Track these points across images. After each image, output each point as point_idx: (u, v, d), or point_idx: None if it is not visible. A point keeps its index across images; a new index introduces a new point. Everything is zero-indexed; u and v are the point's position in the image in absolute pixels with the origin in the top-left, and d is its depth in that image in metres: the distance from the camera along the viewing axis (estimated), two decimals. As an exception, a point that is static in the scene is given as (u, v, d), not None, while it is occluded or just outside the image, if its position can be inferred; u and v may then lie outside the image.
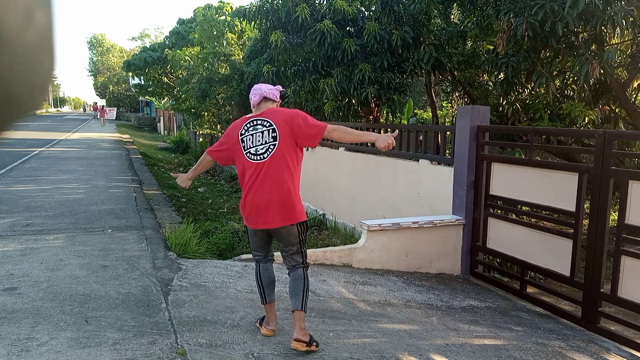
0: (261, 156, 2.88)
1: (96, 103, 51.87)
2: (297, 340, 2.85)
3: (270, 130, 2.90)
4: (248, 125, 2.97)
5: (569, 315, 4.25)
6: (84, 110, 49.98)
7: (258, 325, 3.16)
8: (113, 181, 9.42)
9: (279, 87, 3.14)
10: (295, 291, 2.96)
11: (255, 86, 3.10)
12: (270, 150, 2.88)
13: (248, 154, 2.92)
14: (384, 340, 3.29)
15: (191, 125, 21.64)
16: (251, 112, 3.13)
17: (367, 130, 7.30)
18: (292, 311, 2.94)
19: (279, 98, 3.14)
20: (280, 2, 7.44)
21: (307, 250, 3.24)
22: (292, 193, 2.89)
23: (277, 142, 2.88)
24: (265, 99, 3.02)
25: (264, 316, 3.15)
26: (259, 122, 2.95)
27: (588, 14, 4.74)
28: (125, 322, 3.10)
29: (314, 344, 2.89)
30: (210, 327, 3.12)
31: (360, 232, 5.70)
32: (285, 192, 2.86)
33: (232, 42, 14.80)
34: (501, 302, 4.59)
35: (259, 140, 2.90)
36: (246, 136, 2.94)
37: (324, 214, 8.45)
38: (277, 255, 3.36)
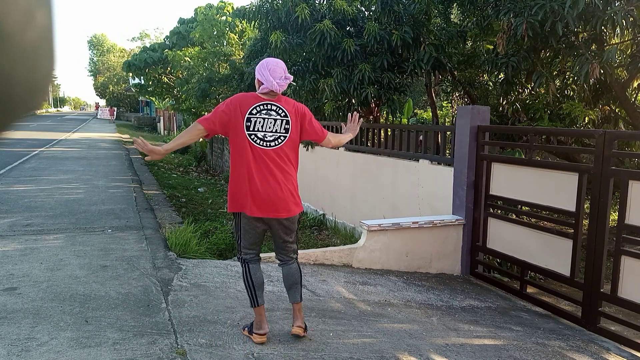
0: (269, 143, 2.84)
1: (98, 103, 55.94)
2: (299, 326, 3.06)
3: (284, 122, 2.89)
4: (260, 107, 2.86)
5: (569, 315, 4.25)
6: (97, 108, 52.17)
7: (247, 334, 3.03)
8: (113, 181, 9.42)
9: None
10: (294, 285, 3.07)
11: (277, 63, 2.91)
12: (280, 140, 2.87)
13: (253, 136, 2.82)
14: (384, 340, 3.29)
15: (191, 125, 21.59)
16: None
17: (368, 130, 7.33)
18: (292, 303, 3.09)
19: None
20: (280, 2, 7.43)
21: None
22: (296, 183, 2.99)
23: (288, 135, 2.90)
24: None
25: (251, 323, 3.04)
26: (274, 108, 2.88)
27: (588, 14, 4.74)
28: (125, 322, 3.10)
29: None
30: (210, 327, 3.12)
31: (360, 232, 5.70)
32: (292, 182, 2.94)
33: (233, 42, 14.79)
34: (501, 302, 4.59)
35: (269, 127, 2.85)
36: (257, 118, 2.84)
37: (324, 214, 8.46)
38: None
